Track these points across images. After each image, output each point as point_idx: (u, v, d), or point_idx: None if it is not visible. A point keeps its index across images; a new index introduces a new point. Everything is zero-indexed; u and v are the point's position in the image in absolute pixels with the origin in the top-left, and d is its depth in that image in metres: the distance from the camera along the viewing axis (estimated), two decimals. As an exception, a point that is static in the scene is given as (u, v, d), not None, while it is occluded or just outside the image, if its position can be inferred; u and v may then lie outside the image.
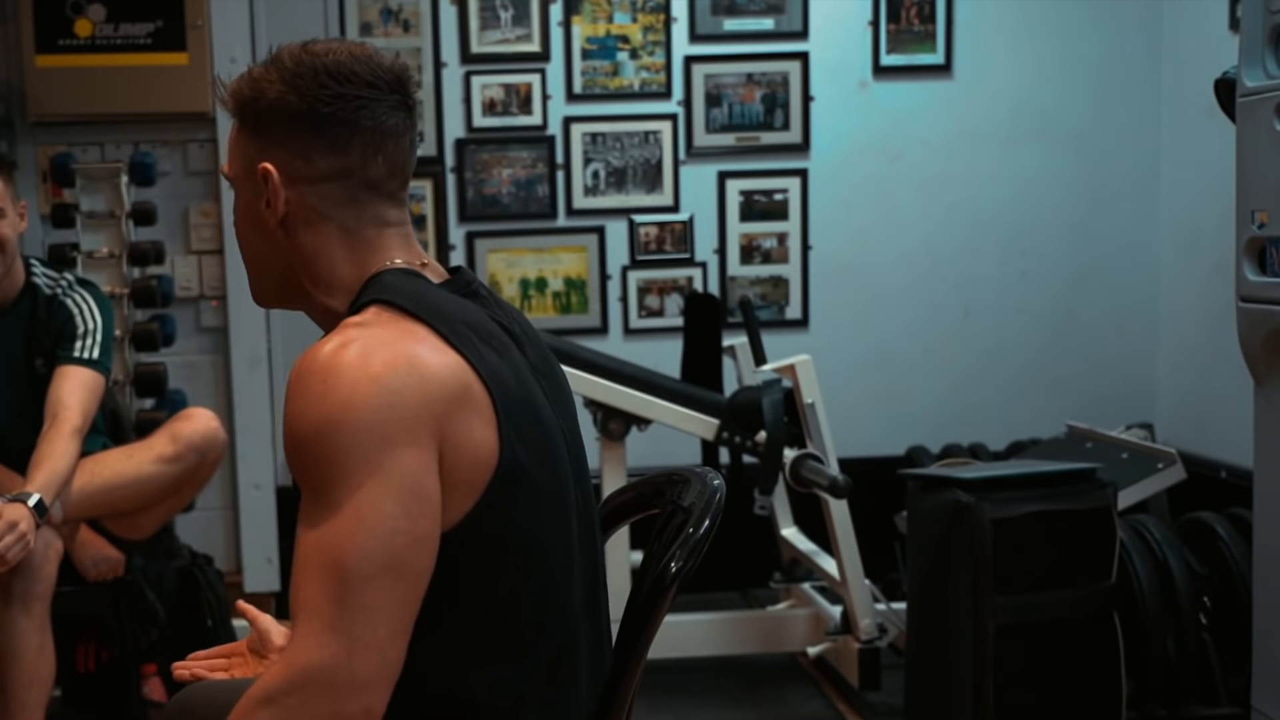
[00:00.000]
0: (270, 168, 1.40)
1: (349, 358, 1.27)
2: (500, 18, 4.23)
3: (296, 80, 1.40)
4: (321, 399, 1.25)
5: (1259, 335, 2.78)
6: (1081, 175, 4.40)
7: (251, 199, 1.44)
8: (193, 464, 2.96)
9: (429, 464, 1.27)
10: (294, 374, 1.29)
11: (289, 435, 1.29)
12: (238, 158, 1.44)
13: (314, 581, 1.23)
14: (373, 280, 1.41)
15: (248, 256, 1.49)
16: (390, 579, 1.24)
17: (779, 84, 4.31)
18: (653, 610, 1.42)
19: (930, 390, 4.41)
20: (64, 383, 2.83)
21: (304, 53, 1.41)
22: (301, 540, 1.27)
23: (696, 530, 1.41)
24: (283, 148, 1.40)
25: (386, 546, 1.24)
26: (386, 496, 1.24)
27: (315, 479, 1.26)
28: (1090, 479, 2.88)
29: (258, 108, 1.41)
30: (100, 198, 3.83)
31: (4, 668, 2.68)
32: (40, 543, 2.64)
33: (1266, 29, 2.71)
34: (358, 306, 1.37)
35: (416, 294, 1.37)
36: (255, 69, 1.43)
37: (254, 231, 1.45)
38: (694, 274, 4.34)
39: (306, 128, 1.40)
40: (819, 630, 3.50)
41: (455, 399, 1.29)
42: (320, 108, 1.39)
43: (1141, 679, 3.09)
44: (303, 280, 1.44)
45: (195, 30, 4.00)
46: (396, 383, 1.26)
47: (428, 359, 1.29)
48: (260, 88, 1.41)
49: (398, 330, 1.31)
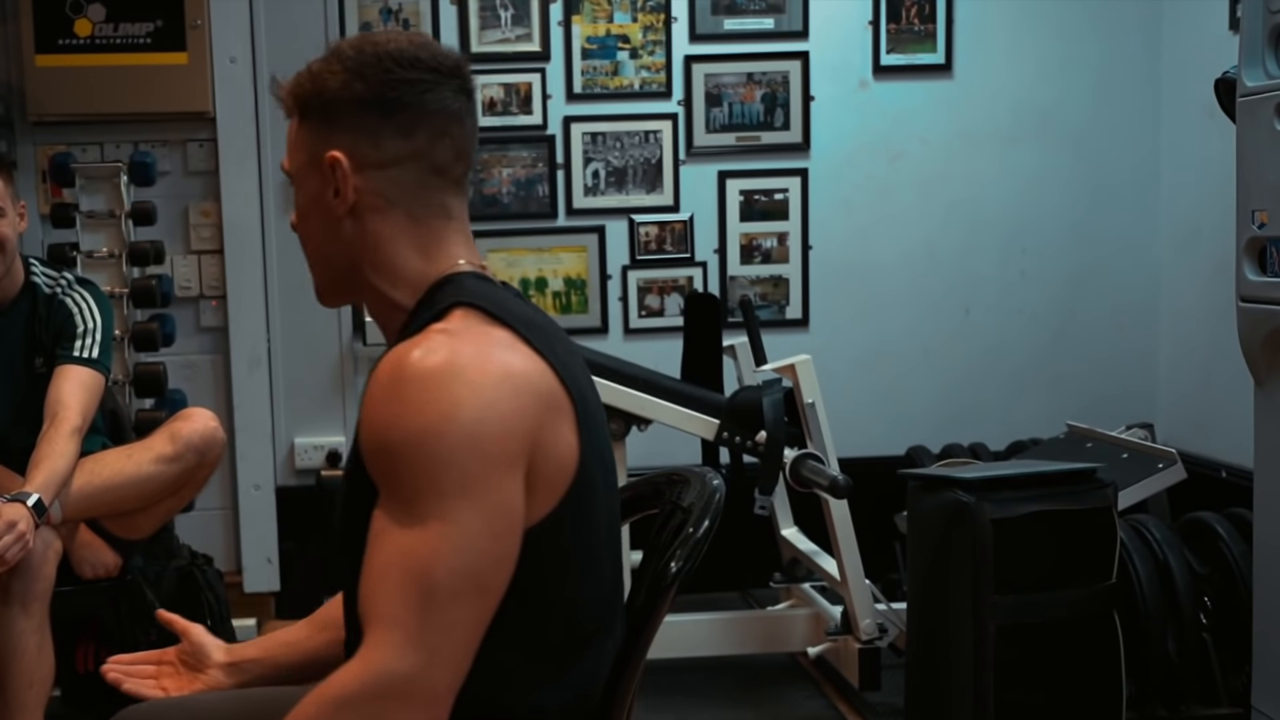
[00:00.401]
0: (339, 155, 1.40)
1: (448, 366, 1.27)
2: (500, 17, 4.23)
3: (361, 67, 1.40)
4: (420, 408, 1.25)
5: (1259, 335, 2.78)
6: (1082, 175, 4.40)
7: (318, 191, 1.43)
8: (192, 464, 2.96)
9: (519, 481, 1.28)
10: (385, 376, 1.29)
11: (378, 438, 1.28)
12: (300, 152, 1.44)
13: (395, 590, 1.24)
14: (448, 281, 1.41)
15: (313, 251, 1.48)
16: (473, 596, 1.25)
17: (779, 84, 4.31)
18: (652, 611, 1.42)
19: (930, 390, 4.40)
20: (63, 382, 2.83)
21: (365, 42, 1.42)
22: (382, 545, 1.26)
23: (696, 530, 1.41)
24: (350, 135, 1.40)
25: (472, 565, 1.25)
26: (477, 515, 1.25)
27: (404, 485, 1.26)
28: (1090, 479, 2.88)
29: (322, 99, 1.41)
30: (100, 197, 3.83)
31: (3, 668, 2.68)
32: (39, 543, 2.64)
33: (1266, 29, 2.71)
34: (438, 311, 1.36)
35: (496, 298, 1.38)
36: (314, 64, 1.44)
37: (320, 224, 1.45)
38: (694, 274, 4.34)
39: (374, 113, 1.40)
40: (819, 630, 3.50)
41: (545, 406, 1.31)
42: (387, 92, 1.40)
43: (1142, 679, 3.08)
44: (366, 270, 1.43)
45: (195, 30, 3.99)
46: (494, 395, 1.27)
47: (520, 367, 1.30)
48: (322, 79, 1.41)
49: (488, 337, 1.32)
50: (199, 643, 1.68)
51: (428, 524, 1.24)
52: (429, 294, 1.41)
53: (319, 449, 4.23)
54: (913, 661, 3.00)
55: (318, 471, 4.12)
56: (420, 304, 1.41)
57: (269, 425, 4.18)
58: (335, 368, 4.24)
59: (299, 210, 1.47)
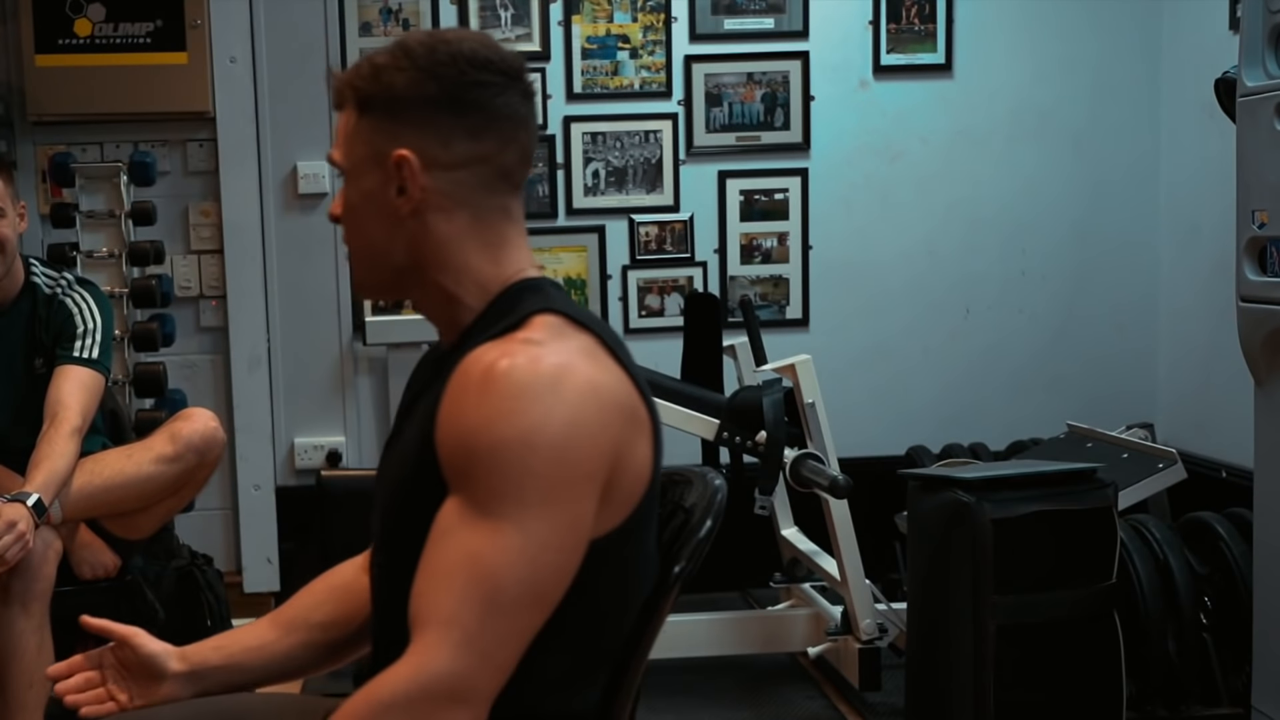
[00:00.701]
0: (408, 154, 1.38)
1: (539, 377, 1.27)
2: (500, 17, 4.23)
3: (435, 67, 1.39)
4: (510, 416, 1.25)
5: (1259, 335, 2.78)
6: (1081, 175, 4.40)
7: (376, 187, 1.41)
8: (192, 464, 2.96)
9: (595, 497, 1.30)
10: (475, 379, 1.28)
11: (463, 439, 1.27)
12: (358, 146, 1.42)
13: (460, 591, 1.24)
14: (524, 286, 1.42)
15: (362, 245, 1.45)
16: (534, 608, 1.26)
17: (779, 83, 4.31)
18: (655, 611, 1.42)
19: (930, 390, 4.40)
20: (63, 382, 2.83)
21: (436, 40, 1.40)
22: (449, 544, 1.26)
23: (698, 531, 1.41)
24: (419, 133, 1.39)
25: (539, 577, 1.26)
26: (552, 529, 1.26)
27: (484, 490, 1.26)
28: (1090, 479, 2.88)
29: (390, 95, 1.39)
30: (100, 197, 3.83)
31: (3, 668, 2.68)
32: (39, 542, 2.64)
33: (1266, 29, 2.71)
34: (519, 318, 1.36)
35: (574, 305, 1.39)
36: (377, 57, 1.41)
37: (376, 220, 1.42)
38: (694, 273, 4.33)
39: (446, 114, 1.39)
40: (819, 630, 3.50)
41: (627, 420, 1.33)
42: (460, 94, 1.39)
43: (1142, 679, 3.08)
44: (430, 270, 1.42)
45: (194, 30, 3.99)
46: (582, 409, 1.28)
47: (605, 380, 1.31)
48: (391, 75, 1.39)
49: (574, 346, 1.32)
50: (149, 653, 1.58)
51: (503, 531, 1.24)
52: (502, 298, 1.41)
53: (319, 449, 4.23)
54: (913, 661, 3.00)
55: (318, 471, 4.10)
56: (491, 307, 1.41)
57: (269, 425, 4.18)
58: (335, 368, 4.24)
59: (348, 203, 1.45)
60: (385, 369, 4.23)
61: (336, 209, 1.47)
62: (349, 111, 1.42)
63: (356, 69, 1.43)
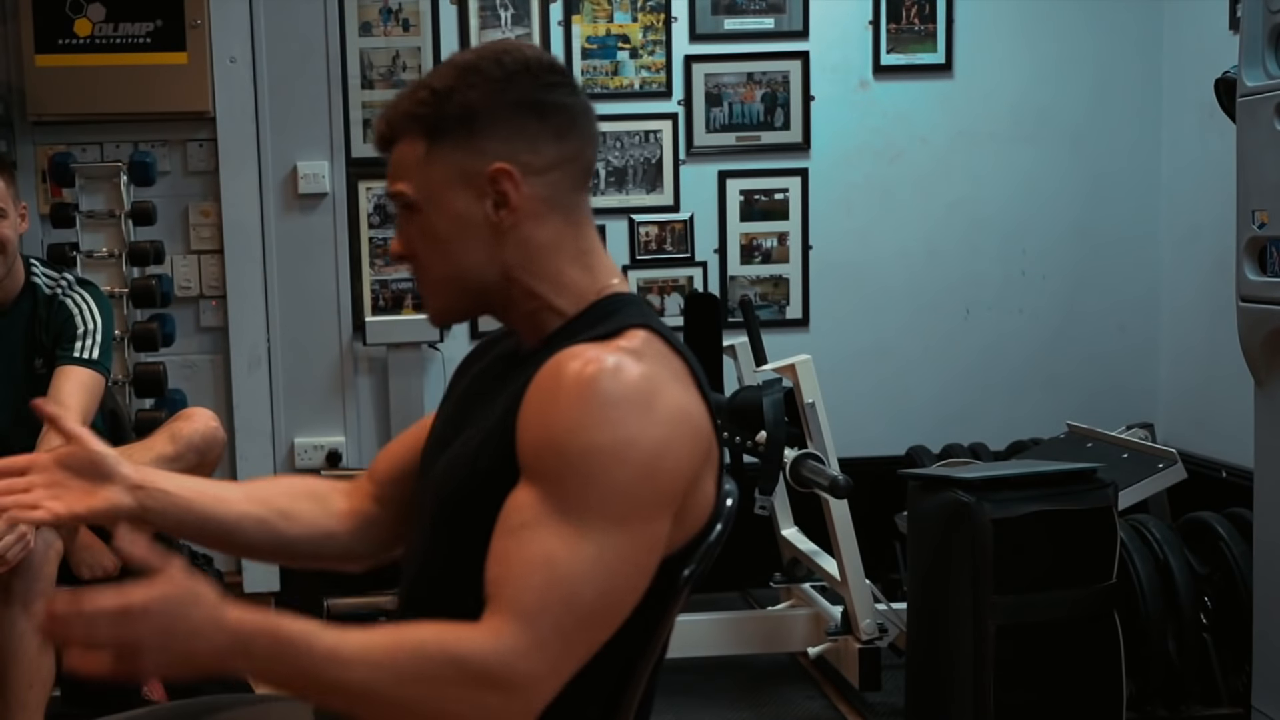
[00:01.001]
0: (507, 166, 1.37)
1: (640, 390, 1.27)
2: (500, 17, 4.23)
3: (508, 76, 1.39)
4: (607, 425, 1.25)
5: (1259, 335, 2.78)
6: (1081, 174, 4.40)
7: (466, 209, 1.38)
8: (192, 464, 2.96)
9: (669, 521, 1.31)
10: (571, 376, 1.28)
11: (554, 438, 1.27)
12: (435, 173, 1.39)
13: (539, 590, 1.22)
14: (619, 298, 1.42)
15: (449, 273, 1.41)
16: (605, 623, 1.26)
17: (779, 83, 4.31)
18: (664, 613, 1.42)
19: (930, 390, 4.40)
20: (63, 383, 2.83)
21: (498, 52, 1.41)
22: (532, 538, 1.24)
23: (708, 534, 1.41)
24: (508, 145, 1.38)
25: (617, 594, 1.26)
26: (633, 546, 1.26)
27: (570, 493, 1.25)
28: (1090, 479, 2.88)
29: (468, 112, 1.38)
30: (100, 197, 3.84)
31: (4, 668, 2.68)
32: (40, 542, 2.64)
33: (1266, 29, 2.71)
34: (615, 328, 1.36)
35: (666, 327, 1.39)
36: (434, 82, 1.39)
37: (472, 241, 1.39)
38: (694, 274, 4.34)
39: (531, 119, 1.39)
40: (819, 630, 3.50)
41: (705, 454, 1.34)
42: (541, 96, 1.39)
43: (1142, 679, 3.08)
44: (524, 278, 1.41)
45: (195, 30, 3.99)
46: (674, 432, 1.29)
47: (694, 409, 1.33)
48: (462, 95, 1.38)
49: (669, 369, 1.33)
50: (96, 452, 1.47)
51: (586, 540, 1.24)
52: (596, 306, 1.41)
53: (319, 449, 4.23)
54: (913, 661, 3.00)
55: (318, 471, 4.11)
56: (585, 314, 1.41)
57: (269, 425, 4.18)
58: (335, 368, 4.25)
59: (433, 233, 1.40)
60: (385, 369, 4.23)
61: (404, 247, 1.43)
62: (412, 142, 1.39)
63: (411, 98, 1.40)
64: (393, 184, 1.42)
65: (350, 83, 4.18)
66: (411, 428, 1.62)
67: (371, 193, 4.21)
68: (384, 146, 1.43)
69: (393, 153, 1.42)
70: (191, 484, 1.53)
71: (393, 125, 1.41)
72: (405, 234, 1.43)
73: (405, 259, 1.44)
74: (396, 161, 1.41)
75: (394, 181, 1.42)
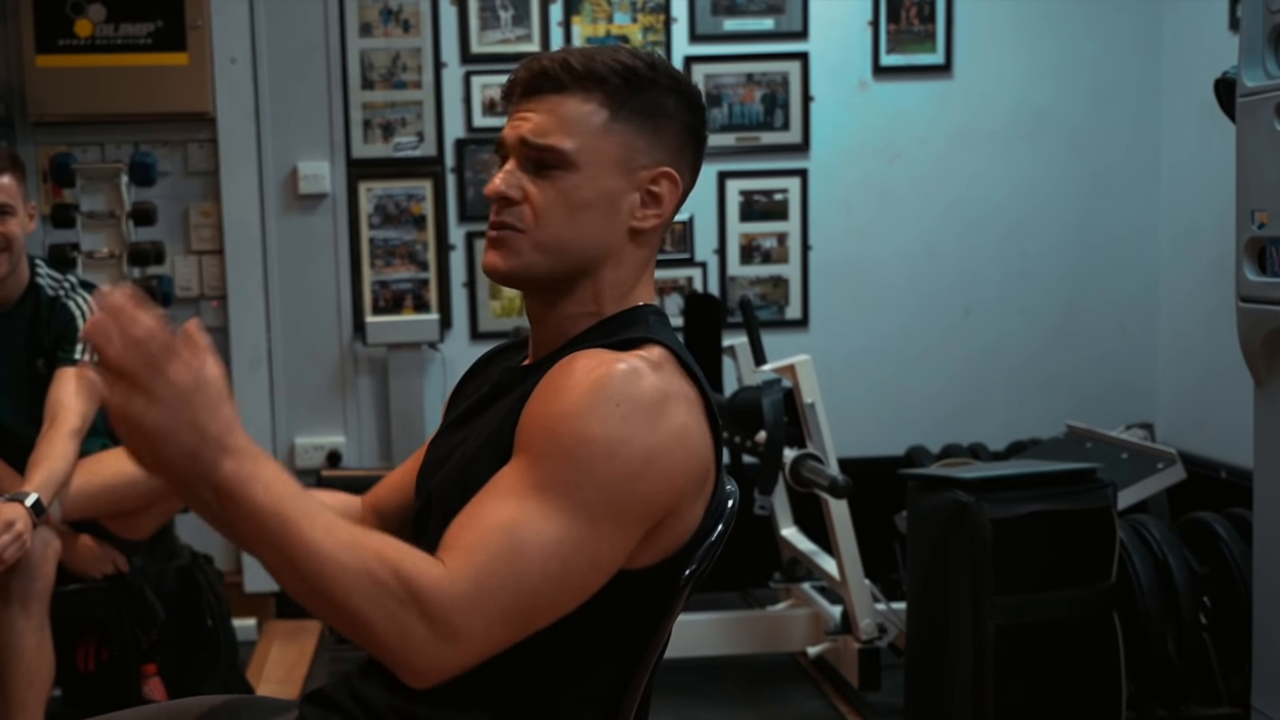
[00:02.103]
0: (674, 172, 1.42)
1: (645, 396, 1.28)
2: (500, 18, 4.23)
3: (691, 98, 1.45)
4: (605, 419, 1.25)
5: (1259, 335, 2.78)
6: (1081, 175, 4.40)
7: (614, 191, 1.39)
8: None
9: (639, 535, 1.30)
10: (584, 369, 1.29)
11: (549, 418, 1.27)
12: (607, 145, 1.38)
13: (492, 553, 1.22)
14: (648, 311, 1.43)
15: (564, 240, 1.38)
16: (546, 608, 1.25)
17: (779, 84, 4.31)
18: (666, 612, 1.42)
19: (930, 390, 4.41)
20: (64, 384, 2.83)
21: (675, 70, 1.45)
22: (502, 505, 1.24)
23: (709, 534, 1.41)
24: (675, 159, 1.43)
25: (564, 583, 1.25)
26: (599, 548, 1.26)
27: (551, 472, 1.25)
28: (1090, 479, 2.88)
29: (660, 112, 1.41)
30: (100, 198, 3.83)
31: (3, 667, 2.68)
32: (38, 542, 2.65)
33: (1266, 29, 2.71)
34: (636, 339, 1.36)
35: (688, 353, 1.39)
36: (620, 58, 1.40)
37: (602, 220, 1.39)
38: (694, 274, 4.34)
39: (691, 145, 1.46)
40: (819, 630, 3.50)
41: (700, 481, 1.34)
42: (701, 129, 1.47)
43: (1141, 679, 3.08)
44: (608, 277, 1.41)
45: (195, 30, 4.00)
46: (670, 448, 1.29)
47: (697, 435, 1.32)
48: (659, 96, 1.41)
49: (683, 393, 1.33)
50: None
51: (551, 521, 1.23)
52: (624, 314, 1.42)
53: (319, 449, 4.24)
54: (912, 661, 3.01)
55: (318, 471, 4.11)
56: (608, 321, 1.41)
57: (269, 425, 4.18)
58: (335, 368, 4.25)
59: (574, 193, 1.37)
60: (385, 369, 4.23)
61: (518, 193, 1.38)
62: (589, 101, 1.38)
63: (606, 64, 1.38)
64: (547, 137, 1.37)
65: (350, 83, 4.18)
66: (409, 458, 1.61)
67: (372, 193, 4.21)
68: (539, 89, 1.39)
69: (547, 100, 1.38)
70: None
71: (575, 75, 1.38)
72: (531, 184, 1.38)
73: (510, 202, 1.39)
74: (559, 113, 1.38)
75: (551, 135, 1.37)
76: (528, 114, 1.39)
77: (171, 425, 1.12)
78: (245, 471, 1.14)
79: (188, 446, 1.12)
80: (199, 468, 1.13)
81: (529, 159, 1.38)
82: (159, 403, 1.11)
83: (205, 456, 1.13)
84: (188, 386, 1.12)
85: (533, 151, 1.38)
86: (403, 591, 1.17)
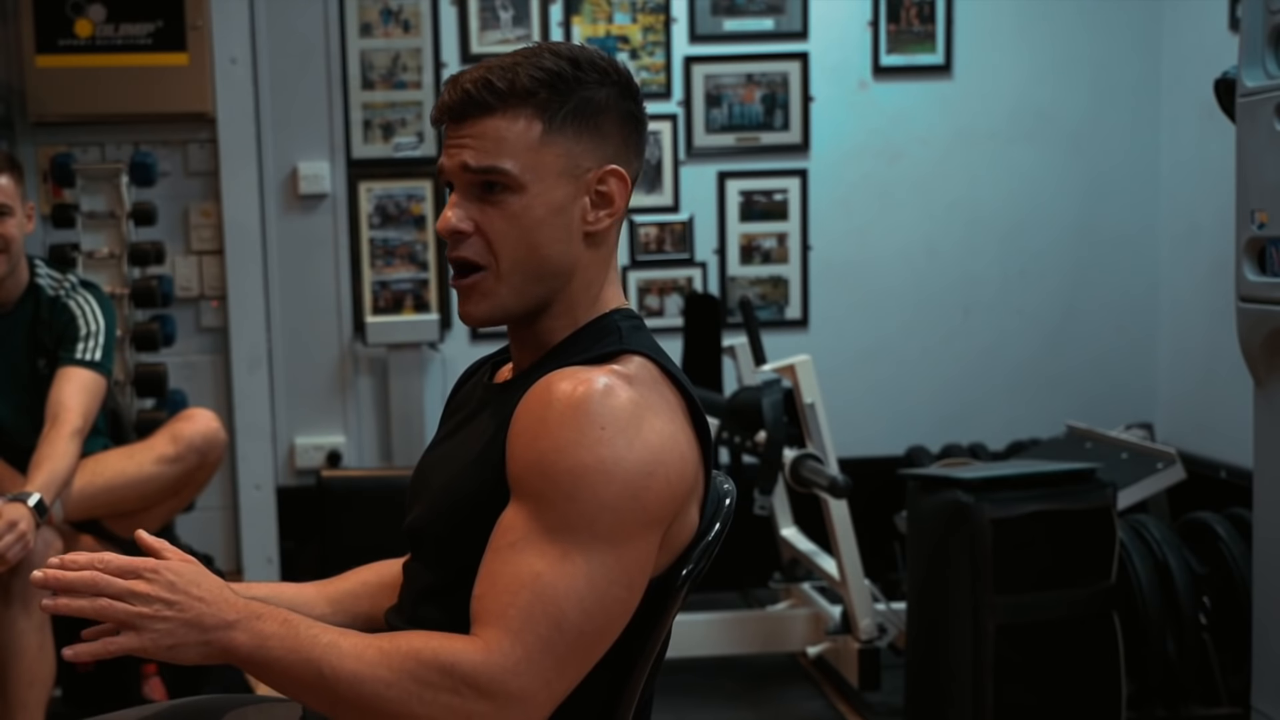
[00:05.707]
0: (620, 169, 1.38)
1: (624, 410, 1.27)
2: (500, 18, 4.23)
3: (625, 82, 1.40)
4: (592, 444, 1.25)
5: (1259, 335, 2.78)
6: (1081, 175, 4.40)
7: (564, 201, 1.35)
8: (193, 464, 2.97)
9: (657, 542, 1.31)
10: (560, 397, 1.27)
11: (541, 458, 1.26)
12: (548, 158, 1.34)
13: (524, 608, 1.22)
14: (621, 317, 1.41)
15: (528, 262, 1.35)
16: (596, 641, 1.27)
17: (779, 84, 4.31)
18: (663, 612, 1.42)
19: (930, 390, 4.41)
20: (65, 384, 2.83)
21: (600, 54, 1.39)
22: (518, 557, 1.24)
23: (706, 533, 1.41)
24: (620, 151, 1.39)
25: (606, 613, 1.26)
26: (623, 568, 1.26)
27: (556, 513, 1.25)
28: (1090, 479, 2.88)
29: (592, 109, 1.36)
30: (100, 198, 3.83)
31: (5, 667, 2.69)
32: (40, 542, 2.65)
33: (1266, 29, 2.72)
34: (610, 351, 1.35)
35: (668, 357, 1.38)
36: (548, 64, 1.34)
37: (558, 234, 1.36)
38: (694, 274, 4.34)
39: (634, 131, 1.41)
40: (819, 630, 3.50)
41: (692, 485, 1.34)
42: (640, 112, 1.41)
43: (1141, 679, 3.09)
44: (579, 283, 1.39)
45: (195, 30, 4.00)
46: (663, 454, 1.28)
47: (682, 440, 1.32)
48: (588, 90, 1.35)
49: (664, 399, 1.33)
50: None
51: (572, 560, 1.24)
52: (597, 322, 1.40)
53: (319, 449, 4.24)
54: (912, 661, 3.01)
55: (318, 471, 4.12)
56: (585, 330, 1.40)
57: (269, 425, 4.18)
58: (335, 368, 4.25)
59: (527, 215, 1.34)
60: (385, 369, 4.23)
61: (469, 225, 1.35)
62: (521, 119, 1.33)
63: (529, 75, 1.33)
64: (487, 158, 1.33)
65: (350, 84, 4.19)
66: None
67: (372, 193, 4.21)
68: (468, 113, 1.35)
69: (479, 124, 1.34)
70: (284, 600, 1.52)
71: (500, 95, 1.33)
72: (480, 214, 1.36)
73: (464, 236, 1.36)
74: (494, 135, 1.34)
75: (490, 156, 1.33)
76: (463, 139, 1.35)
77: (171, 636, 1.19)
78: (256, 637, 1.21)
79: (196, 642, 1.20)
80: (215, 653, 1.20)
81: (473, 184, 1.35)
82: (149, 625, 1.19)
83: (216, 642, 1.20)
84: (164, 597, 1.19)
85: (476, 175, 1.35)
86: (451, 681, 1.20)
